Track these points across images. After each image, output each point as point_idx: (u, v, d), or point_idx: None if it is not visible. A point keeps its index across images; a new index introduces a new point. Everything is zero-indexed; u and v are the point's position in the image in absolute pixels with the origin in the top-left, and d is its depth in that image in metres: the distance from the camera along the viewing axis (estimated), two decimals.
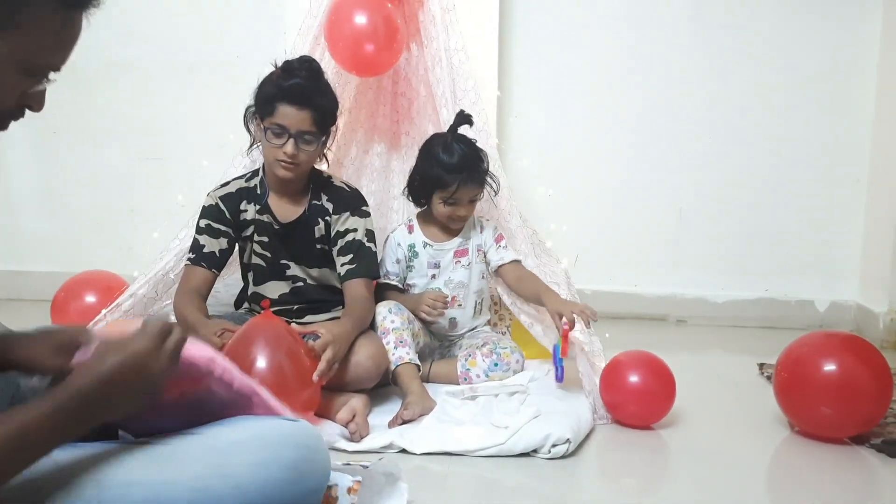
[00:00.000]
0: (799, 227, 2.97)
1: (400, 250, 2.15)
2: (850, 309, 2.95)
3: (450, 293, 2.14)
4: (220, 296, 2.20)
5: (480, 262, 2.18)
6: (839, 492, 1.57)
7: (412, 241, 2.16)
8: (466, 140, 2.08)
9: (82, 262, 2.77)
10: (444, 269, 2.15)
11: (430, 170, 2.06)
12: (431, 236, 2.16)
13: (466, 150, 2.05)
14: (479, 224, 2.20)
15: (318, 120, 1.88)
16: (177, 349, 0.97)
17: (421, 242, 2.15)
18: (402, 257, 2.16)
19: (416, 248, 2.15)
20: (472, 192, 2.07)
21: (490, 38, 2.69)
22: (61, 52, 0.91)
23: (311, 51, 2.22)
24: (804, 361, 1.80)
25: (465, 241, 2.16)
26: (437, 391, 1.97)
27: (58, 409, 0.87)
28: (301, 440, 1.04)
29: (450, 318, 2.16)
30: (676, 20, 2.91)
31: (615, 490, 1.64)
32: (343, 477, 1.25)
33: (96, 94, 3.06)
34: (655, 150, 2.98)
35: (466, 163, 2.04)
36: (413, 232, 2.17)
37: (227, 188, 2.02)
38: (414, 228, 2.17)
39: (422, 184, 2.10)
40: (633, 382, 1.84)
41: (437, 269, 2.15)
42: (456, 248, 2.15)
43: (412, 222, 2.19)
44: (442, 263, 2.15)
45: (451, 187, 2.03)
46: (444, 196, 2.05)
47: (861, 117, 2.88)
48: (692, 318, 3.03)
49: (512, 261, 2.15)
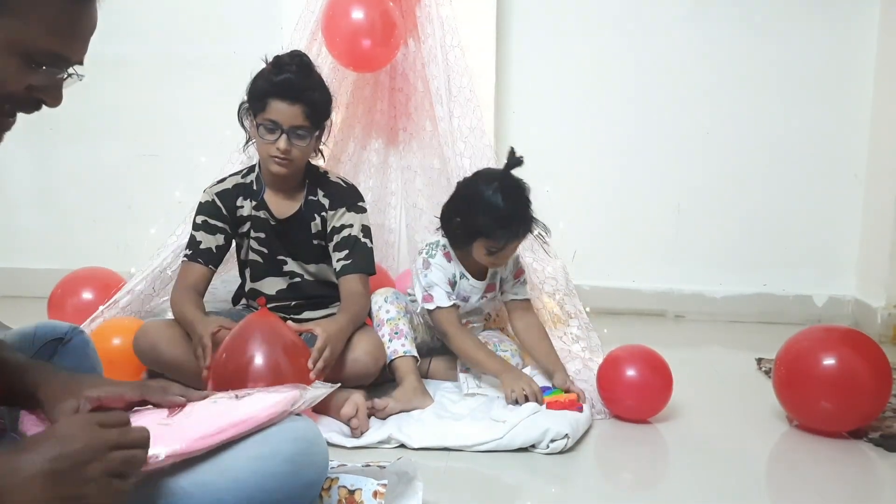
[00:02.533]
0: (797, 222, 2.97)
1: (448, 272, 1.99)
2: (848, 304, 2.96)
3: (464, 318, 2.07)
4: (218, 292, 2.20)
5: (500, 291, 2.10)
6: (838, 486, 1.57)
7: (453, 270, 2.00)
8: (518, 185, 1.90)
9: (79, 258, 2.76)
10: (470, 303, 2.07)
11: (476, 217, 1.87)
12: (468, 268, 2.02)
13: (518, 202, 1.87)
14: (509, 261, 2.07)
15: (311, 114, 1.87)
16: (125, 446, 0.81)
17: (459, 273, 2.01)
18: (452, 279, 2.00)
19: (456, 278, 2.01)
20: (519, 243, 1.94)
21: (487, 35, 2.68)
22: (65, 40, 0.87)
23: (308, 46, 2.22)
24: (803, 356, 1.80)
25: (493, 276, 2.05)
26: (437, 388, 1.97)
27: None
28: (299, 434, 1.04)
29: None
30: (674, 17, 2.91)
31: (613, 484, 1.64)
32: (367, 480, 1.22)
33: (93, 90, 3.00)
34: (653, 146, 2.98)
35: (518, 215, 1.87)
36: (451, 261, 2.00)
37: (223, 184, 2.01)
38: (451, 257, 2.00)
39: (464, 229, 1.92)
40: (629, 377, 1.84)
41: (466, 302, 2.05)
42: (487, 285, 2.05)
43: (448, 250, 2.01)
44: (471, 299, 2.05)
45: (500, 241, 1.87)
46: (490, 247, 1.88)
47: (859, 112, 2.88)
48: (690, 313, 3.03)
49: (524, 299, 2.07)
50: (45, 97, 0.89)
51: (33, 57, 0.85)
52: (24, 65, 0.85)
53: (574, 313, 2.19)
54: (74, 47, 0.88)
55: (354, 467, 1.29)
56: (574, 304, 2.22)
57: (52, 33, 0.85)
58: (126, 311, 2.16)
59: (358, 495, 1.21)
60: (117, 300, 2.17)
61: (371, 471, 1.27)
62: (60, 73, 0.89)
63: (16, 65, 0.85)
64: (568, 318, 2.20)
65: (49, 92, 0.89)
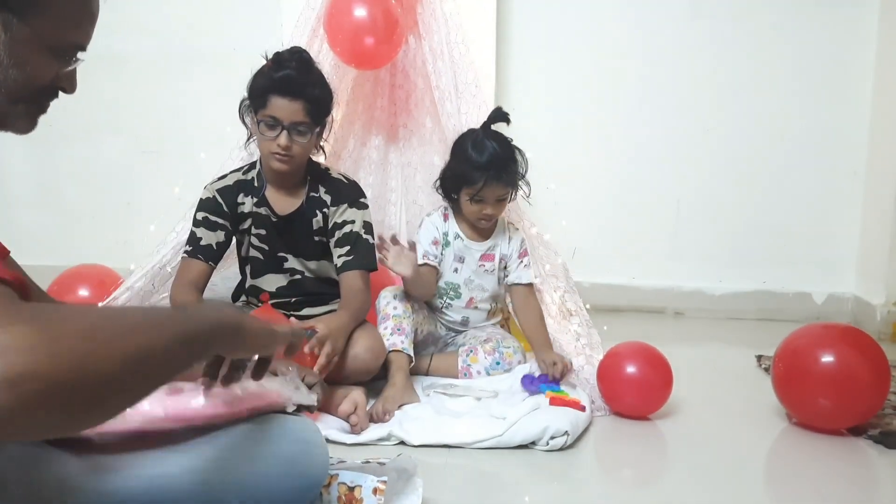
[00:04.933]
0: (797, 219, 2.97)
1: (437, 232, 2.11)
2: (848, 301, 2.96)
3: (468, 294, 2.14)
4: (218, 289, 2.20)
5: (502, 270, 2.15)
6: (837, 483, 1.57)
7: (446, 229, 2.12)
8: (500, 137, 2.04)
9: (78, 255, 2.76)
10: (467, 267, 2.12)
11: (458, 165, 2.03)
12: (463, 231, 2.12)
13: (497, 148, 2.00)
14: (508, 232, 2.15)
15: (311, 110, 1.87)
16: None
17: (453, 233, 2.11)
18: (440, 239, 2.11)
19: (449, 237, 2.11)
20: (499, 191, 2.01)
21: (488, 33, 2.68)
22: (84, 30, 0.92)
23: (309, 43, 2.21)
24: (802, 353, 1.80)
25: (493, 246, 2.13)
26: (434, 385, 1.98)
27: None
28: (299, 434, 1.04)
29: (463, 316, 2.16)
30: (675, 13, 2.91)
31: (613, 481, 1.64)
32: (367, 477, 1.23)
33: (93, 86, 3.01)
34: (653, 143, 2.98)
35: (495, 160, 1.99)
36: (448, 220, 2.12)
37: (224, 181, 2.01)
38: (449, 217, 2.13)
39: (451, 179, 2.07)
40: (630, 373, 1.84)
41: (462, 263, 2.12)
42: (484, 252, 2.12)
43: (447, 211, 2.14)
44: (467, 259, 2.12)
45: (477, 184, 1.98)
46: (471, 193, 2.00)
47: (859, 109, 2.88)
48: (690, 310, 3.03)
49: (528, 283, 2.12)
50: (66, 85, 0.95)
51: (58, 49, 0.90)
52: (53, 58, 0.90)
53: (575, 310, 2.19)
54: (89, 34, 0.94)
55: (354, 464, 1.29)
56: (575, 300, 2.21)
57: (74, 26, 0.91)
58: None
59: (358, 492, 1.22)
60: (117, 297, 2.17)
61: (371, 467, 1.27)
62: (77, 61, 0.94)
63: (46, 59, 0.89)
64: (569, 315, 2.20)
65: (69, 80, 0.95)
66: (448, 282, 2.14)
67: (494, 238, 2.13)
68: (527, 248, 2.15)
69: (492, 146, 2.00)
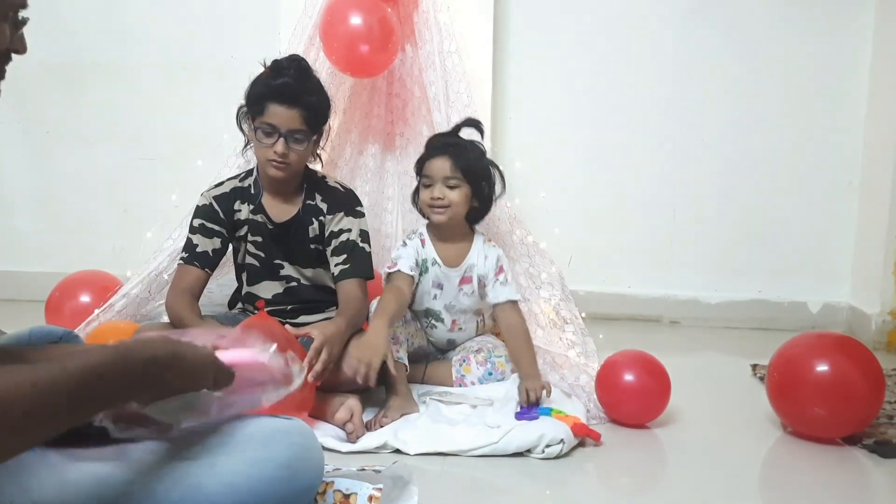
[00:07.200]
0: (792, 228, 2.98)
1: (417, 255, 2.05)
2: (843, 310, 2.96)
3: (450, 318, 2.10)
4: (214, 296, 2.20)
5: (483, 289, 2.08)
6: (831, 492, 1.57)
7: (425, 255, 2.07)
8: (455, 134, 2.07)
9: (76, 262, 2.76)
10: (447, 293, 2.08)
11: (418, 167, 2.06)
12: (440, 255, 2.07)
13: (449, 137, 2.05)
14: (484, 250, 2.07)
15: (309, 118, 1.87)
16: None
17: (431, 258, 2.07)
18: (419, 263, 2.05)
19: (427, 263, 2.07)
20: (443, 167, 1.97)
21: (485, 40, 2.70)
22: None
23: (306, 51, 2.22)
24: (797, 362, 1.81)
25: (469, 268, 2.07)
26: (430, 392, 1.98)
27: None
28: (294, 438, 1.04)
29: (448, 339, 2.14)
30: (670, 22, 2.92)
31: (609, 489, 1.64)
32: (362, 485, 1.23)
33: (90, 94, 3.05)
34: (649, 152, 2.98)
35: (442, 139, 2.05)
36: (425, 246, 2.07)
37: (221, 188, 2.02)
38: (426, 243, 2.08)
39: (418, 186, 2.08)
40: (628, 381, 1.85)
41: (440, 290, 2.08)
42: (461, 276, 2.07)
43: (424, 237, 2.08)
44: (445, 286, 2.07)
45: (422, 164, 2.02)
46: (423, 181, 2.02)
47: (854, 119, 2.89)
48: (685, 319, 3.04)
49: (507, 301, 2.02)
50: (18, 46, 0.96)
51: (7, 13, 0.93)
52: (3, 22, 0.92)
53: (570, 318, 2.19)
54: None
55: (350, 471, 1.29)
56: (570, 309, 2.22)
57: None
58: (122, 314, 2.16)
59: (353, 499, 1.22)
60: (113, 304, 2.17)
61: (366, 475, 1.27)
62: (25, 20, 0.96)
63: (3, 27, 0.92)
64: (564, 324, 2.20)
65: (21, 41, 0.96)
66: (428, 309, 2.10)
67: (469, 259, 2.07)
68: (503, 265, 2.06)
69: (445, 136, 2.06)
